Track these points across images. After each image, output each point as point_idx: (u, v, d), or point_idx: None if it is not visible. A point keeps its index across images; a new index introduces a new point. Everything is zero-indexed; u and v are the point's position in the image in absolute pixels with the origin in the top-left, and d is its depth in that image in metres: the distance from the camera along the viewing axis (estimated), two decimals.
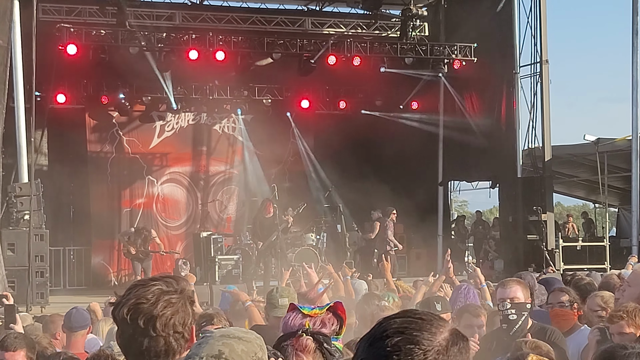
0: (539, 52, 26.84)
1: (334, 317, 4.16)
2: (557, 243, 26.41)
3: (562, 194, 38.94)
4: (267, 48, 26.23)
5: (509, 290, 7.11)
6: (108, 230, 27.40)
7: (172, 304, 3.63)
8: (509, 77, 27.59)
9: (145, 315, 3.60)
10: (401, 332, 2.39)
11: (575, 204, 53.41)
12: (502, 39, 27.69)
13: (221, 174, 29.23)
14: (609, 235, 30.39)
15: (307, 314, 4.08)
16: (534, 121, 27.00)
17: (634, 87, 24.49)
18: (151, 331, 3.60)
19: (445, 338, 2.41)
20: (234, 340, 3.23)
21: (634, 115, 24.50)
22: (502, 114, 27.81)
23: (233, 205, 29.11)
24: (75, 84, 26.56)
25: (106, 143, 27.90)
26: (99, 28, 25.18)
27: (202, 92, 27.93)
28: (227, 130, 29.31)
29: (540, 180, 26.84)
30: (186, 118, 28.79)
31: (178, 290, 3.67)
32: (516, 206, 26.69)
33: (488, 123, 28.08)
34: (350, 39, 27.65)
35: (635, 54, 24.39)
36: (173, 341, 3.62)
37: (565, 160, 31.48)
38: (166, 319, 3.60)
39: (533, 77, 27.13)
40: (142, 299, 3.63)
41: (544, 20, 26.78)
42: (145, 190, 28.34)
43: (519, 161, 27.42)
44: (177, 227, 28.45)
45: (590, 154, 29.65)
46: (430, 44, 28.07)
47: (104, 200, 27.72)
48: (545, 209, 26.19)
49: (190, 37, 25.61)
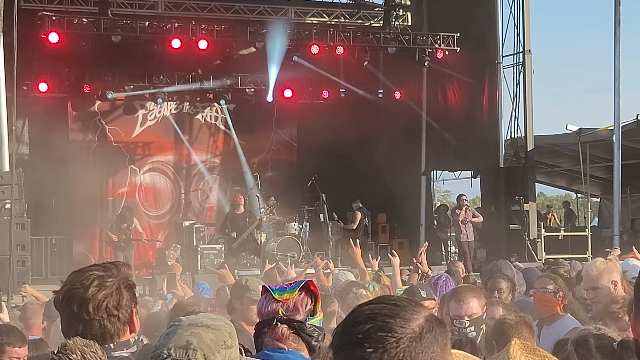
0: (522, 42, 26.92)
1: (307, 296, 4.15)
2: (539, 233, 26.52)
3: (545, 184, 39.08)
4: (250, 37, 26.18)
5: (465, 307, 6.62)
6: (90, 220, 27.29)
7: (104, 287, 3.62)
8: (492, 67, 27.66)
9: (77, 299, 3.61)
10: (372, 319, 2.34)
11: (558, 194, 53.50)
12: (485, 28, 27.74)
13: (205, 163, 29.18)
14: (590, 225, 30.51)
15: (278, 299, 4.09)
16: (516, 111, 27.10)
17: (616, 77, 24.56)
18: (84, 315, 3.61)
19: (419, 325, 2.35)
20: (202, 329, 3.17)
21: (615, 105, 24.57)
22: (485, 104, 27.88)
23: (215, 195, 29.08)
24: (57, 72, 26.41)
25: (88, 132, 27.80)
26: (81, 16, 25.03)
27: (185, 81, 27.86)
28: (210, 120, 29.26)
29: (523, 170, 26.93)
30: (169, 107, 28.71)
31: (113, 275, 3.66)
32: (498, 196, 26.78)
33: (471, 113, 28.15)
34: (333, 29, 27.62)
35: (617, 45, 24.45)
36: (108, 324, 3.62)
37: (547, 150, 31.57)
38: (98, 301, 3.60)
39: (516, 67, 27.22)
40: (77, 283, 3.64)
41: (526, 10, 26.84)
42: (128, 179, 28.28)
43: (501, 151, 27.50)
44: (159, 216, 28.42)
45: (572, 144, 29.74)
46: (413, 34, 28.06)
47: (86, 189, 27.60)
48: (528, 198, 26.29)
49: (172, 25, 25.52)
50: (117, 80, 27.13)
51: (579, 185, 33.05)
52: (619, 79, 24.51)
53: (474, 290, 6.94)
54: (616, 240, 24.42)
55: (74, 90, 27.00)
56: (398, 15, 29.11)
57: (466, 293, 6.75)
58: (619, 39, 24.43)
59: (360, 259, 11.26)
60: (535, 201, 27.97)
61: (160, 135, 28.70)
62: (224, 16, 28.37)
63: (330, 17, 30.20)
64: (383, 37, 27.45)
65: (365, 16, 30.47)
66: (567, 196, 44.22)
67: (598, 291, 7.02)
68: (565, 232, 29.20)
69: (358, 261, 11.15)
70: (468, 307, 6.57)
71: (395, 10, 28.66)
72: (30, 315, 9.06)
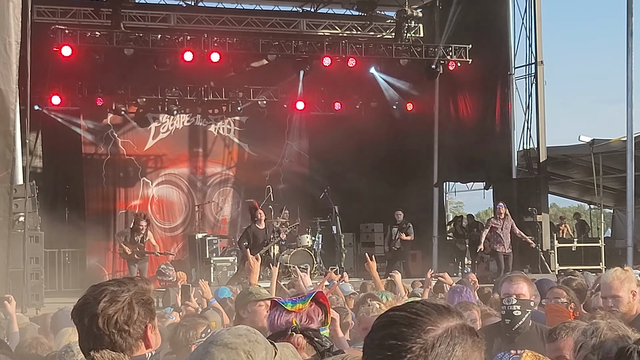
0: (534, 53, 26.90)
1: (318, 307, 4.15)
2: (552, 244, 26.44)
3: (557, 195, 38.95)
4: (262, 49, 26.23)
5: (515, 286, 7.03)
6: (103, 232, 27.34)
7: (116, 302, 3.60)
8: (504, 78, 27.62)
9: (88, 314, 3.60)
10: (389, 326, 2.32)
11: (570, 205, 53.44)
12: (497, 40, 27.71)
13: (217, 176, 29.21)
14: (604, 236, 30.40)
15: (291, 310, 4.07)
16: (528, 122, 27.06)
17: (629, 88, 24.48)
18: (94, 330, 3.59)
19: (435, 335, 2.29)
20: (218, 348, 3.10)
21: (628, 116, 24.49)
22: (497, 115, 27.84)
23: (228, 207, 29.09)
24: (70, 85, 26.49)
25: (101, 145, 27.85)
26: (94, 30, 25.14)
27: (197, 93, 27.93)
28: (223, 132, 29.29)
29: (535, 181, 26.89)
30: (181, 120, 28.76)
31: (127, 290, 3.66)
32: (511, 207, 26.65)
33: (483, 124, 28.10)
34: (345, 41, 27.66)
35: (630, 55, 24.38)
36: (119, 339, 3.59)
37: (560, 161, 31.49)
38: (108, 316, 3.58)
39: (528, 78, 27.17)
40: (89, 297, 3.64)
41: (538, 21, 26.84)
42: (140, 192, 28.31)
43: (514, 162, 27.46)
44: (172, 229, 28.42)
45: (585, 155, 29.65)
46: (425, 45, 28.08)
47: (99, 202, 27.69)
48: (540, 210, 26.22)
49: (185, 38, 25.59)
50: (130, 93, 27.22)
51: (592, 197, 32.90)
52: (631, 89, 24.43)
53: (526, 278, 7.41)
54: (629, 252, 24.30)
55: (86, 103, 27.07)
56: (410, 27, 29.13)
57: (518, 277, 7.35)
58: (631, 49, 24.36)
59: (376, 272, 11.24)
60: (548, 212, 27.89)
61: (173, 148, 28.73)
62: (236, 29, 28.46)
63: (342, 29, 30.24)
64: (395, 49, 27.47)
65: (377, 28, 30.50)
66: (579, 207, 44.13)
67: (618, 299, 6.99)
68: (579, 244, 29.08)
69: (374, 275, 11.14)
70: (518, 287, 7.02)
71: (407, 22, 28.67)
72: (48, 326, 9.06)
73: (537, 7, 26.77)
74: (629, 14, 24.35)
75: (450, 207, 40.52)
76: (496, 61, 27.67)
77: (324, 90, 29.44)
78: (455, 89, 28.67)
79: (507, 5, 27.47)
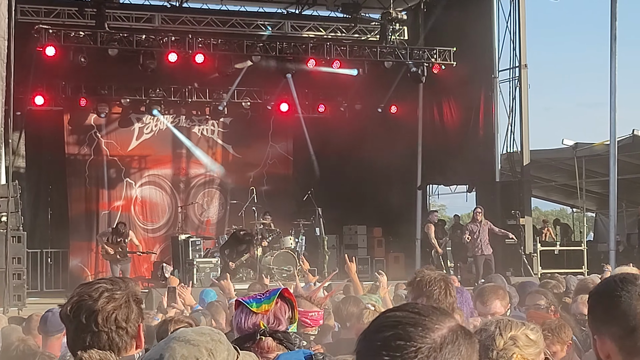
0: (518, 56, 26.94)
1: (284, 304, 4.12)
2: (535, 247, 26.51)
3: (540, 199, 39.04)
4: (246, 51, 26.20)
5: (489, 307, 7.17)
6: (86, 233, 27.29)
7: (114, 300, 3.62)
8: (488, 82, 27.64)
9: (87, 311, 3.60)
10: (394, 327, 2.30)
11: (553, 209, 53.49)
12: (481, 43, 27.73)
13: (201, 177, 29.17)
14: (586, 239, 30.49)
15: (257, 312, 4.03)
16: (512, 125, 27.09)
17: (612, 91, 24.56)
18: (93, 326, 3.60)
19: (441, 335, 2.30)
20: (179, 343, 3.04)
21: (611, 120, 24.56)
22: (481, 118, 27.87)
23: (214, 208, 29.05)
24: (53, 85, 26.39)
25: (84, 145, 27.76)
26: (78, 30, 25.05)
27: (181, 94, 27.88)
28: (206, 133, 29.24)
29: (519, 184, 26.93)
30: (165, 121, 28.70)
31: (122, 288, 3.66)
32: (494, 210, 26.72)
33: (467, 127, 28.13)
34: (330, 43, 27.65)
35: (613, 59, 24.45)
36: (116, 337, 3.61)
37: (543, 165, 31.56)
38: (107, 313, 3.59)
39: (512, 81, 27.21)
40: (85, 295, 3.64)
41: (522, 24, 26.87)
42: (124, 192, 28.23)
43: (497, 165, 27.49)
44: (155, 229, 28.36)
45: (568, 159, 29.74)
46: (410, 48, 28.10)
47: (82, 202, 27.61)
48: (524, 213, 26.28)
49: (169, 39, 25.52)
50: (114, 93, 27.14)
51: (575, 200, 33.02)
52: (615, 93, 24.48)
53: (496, 292, 7.42)
54: (612, 255, 24.37)
55: (70, 103, 27.00)
56: (394, 29, 29.16)
57: (490, 294, 7.34)
58: (615, 53, 24.42)
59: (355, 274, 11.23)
60: (531, 215, 27.96)
61: (156, 149, 28.66)
62: (221, 30, 28.44)
63: (326, 31, 30.24)
64: (379, 51, 27.48)
65: (362, 30, 30.51)
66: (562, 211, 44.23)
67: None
68: (561, 247, 29.16)
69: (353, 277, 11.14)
70: (491, 307, 7.17)
71: (391, 25, 28.73)
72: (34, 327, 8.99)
73: (521, 10, 26.81)
74: (613, 17, 24.43)
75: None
76: (480, 64, 27.69)
77: (308, 93, 29.42)
78: (440, 91, 28.69)
79: (492, 8, 27.50)
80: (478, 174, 27.87)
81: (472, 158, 27.59)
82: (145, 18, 28.10)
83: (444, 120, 29.03)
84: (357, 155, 29.16)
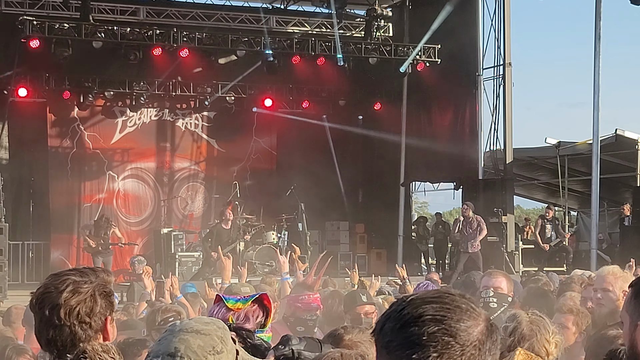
0: (502, 54, 26.98)
1: (260, 309, 4.17)
2: (516, 245, 26.59)
3: (522, 197, 39.14)
4: (231, 45, 26.15)
5: (494, 280, 7.24)
6: (67, 225, 27.23)
7: (78, 293, 3.57)
8: (472, 79, 27.67)
9: (50, 304, 3.57)
10: (439, 321, 2.24)
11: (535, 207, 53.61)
12: (466, 40, 27.74)
13: (185, 171, 29.14)
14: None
15: (231, 308, 4.10)
16: (496, 123, 27.13)
17: (596, 91, 24.63)
18: (55, 320, 3.56)
19: (481, 331, 2.28)
20: (191, 334, 3.11)
21: (595, 119, 24.64)
22: (465, 116, 27.90)
23: (198, 202, 29.03)
24: (37, 77, 26.28)
25: (67, 138, 27.68)
26: (62, 22, 24.95)
27: (165, 88, 27.83)
28: (190, 127, 29.21)
29: (501, 182, 26.97)
30: (149, 114, 28.65)
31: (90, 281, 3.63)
32: (477, 208, 26.77)
33: (451, 124, 28.18)
34: (315, 38, 27.64)
35: (597, 59, 24.51)
36: (79, 331, 3.57)
37: (526, 163, 31.66)
38: (70, 307, 3.55)
39: (496, 79, 27.25)
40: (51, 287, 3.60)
41: (507, 22, 26.91)
42: (106, 185, 28.17)
43: (480, 163, 27.53)
44: (138, 223, 28.31)
45: (551, 157, 29.84)
46: (394, 45, 28.11)
47: (64, 195, 27.53)
48: (506, 210, 26.34)
49: (154, 32, 25.45)
50: (97, 86, 27.05)
51: (557, 199, 33.11)
52: (598, 93, 24.55)
53: (506, 275, 7.67)
54: (593, 254, 24.45)
55: (53, 95, 26.89)
56: (379, 26, 29.17)
57: (498, 272, 7.66)
58: (599, 53, 24.48)
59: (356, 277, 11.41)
60: (514, 213, 28.03)
61: (139, 142, 28.61)
62: (206, 24, 28.37)
63: (311, 26, 30.22)
64: (364, 47, 27.47)
65: (347, 26, 30.49)
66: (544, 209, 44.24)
67: (608, 294, 6.95)
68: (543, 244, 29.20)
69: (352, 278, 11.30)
70: (497, 280, 7.28)
71: (376, 21, 28.74)
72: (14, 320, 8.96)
73: (506, 8, 26.85)
74: (597, 17, 24.49)
75: (415, 207, 40.46)
76: (465, 62, 27.72)
77: (292, 88, 29.41)
78: (424, 88, 28.70)
79: (477, 6, 27.52)
80: (461, 171, 27.91)
81: (455, 155, 27.64)
82: (130, 11, 28.02)
83: (428, 117, 29.06)
84: (341, 151, 29.17)
